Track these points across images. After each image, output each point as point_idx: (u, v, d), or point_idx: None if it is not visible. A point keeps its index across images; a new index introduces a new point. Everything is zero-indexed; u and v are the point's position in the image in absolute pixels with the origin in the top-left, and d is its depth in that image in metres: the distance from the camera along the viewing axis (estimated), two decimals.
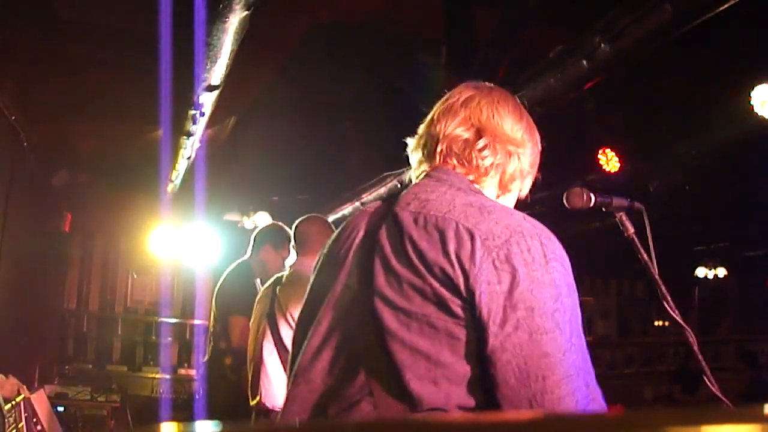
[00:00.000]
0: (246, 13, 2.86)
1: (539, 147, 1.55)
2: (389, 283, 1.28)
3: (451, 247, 1.23)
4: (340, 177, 6.31)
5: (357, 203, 6.44)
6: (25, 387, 4.03)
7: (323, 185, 6.48)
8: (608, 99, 4.47)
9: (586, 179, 5.00)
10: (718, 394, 1.75)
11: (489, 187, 1.48)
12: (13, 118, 4.78)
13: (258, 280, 4.14)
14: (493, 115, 1.47)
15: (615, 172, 5.01)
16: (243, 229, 7.02)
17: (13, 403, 3.73)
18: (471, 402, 1.21)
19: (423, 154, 1.52)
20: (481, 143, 1.45)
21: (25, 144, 5.25)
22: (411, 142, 1.59)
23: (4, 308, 5.13)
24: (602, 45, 3.32)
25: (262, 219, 6.88)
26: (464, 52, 4.20)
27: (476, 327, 1.20)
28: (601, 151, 5.06)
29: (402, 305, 1.25)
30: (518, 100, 1.59)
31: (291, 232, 3.78)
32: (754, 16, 3.39)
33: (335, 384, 1.32)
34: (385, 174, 5.84)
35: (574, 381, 1.18)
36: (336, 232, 1.56)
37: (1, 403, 3.48)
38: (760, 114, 4.00)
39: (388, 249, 1.32)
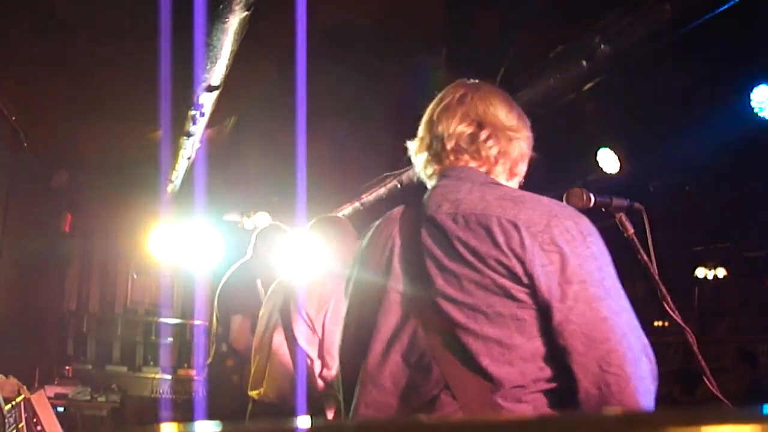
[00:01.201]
0: (246, 13, 2.86)
1: (529, 130, 1.66)
2: (448, 282, 1.39)
3: (501, 240, 1.35)
4: (340, 177, 6.31)
5: (357, 203, 6.45)
6: (25, 387, 4.03)
7: (323, 185, 6.48)
8: (608, 99, 4.47)
9: (585, 179, 5.00)
10: (718, 394, 1.75)
11: (500, 175, 1.59)
12: (13, 118, 4.78)
13: (259, 281, 4.14)
14: (489, 108, 1.58)
15: (615, 172, 5.01)
16: (243, 229, 7.02)
17: (14, 403, 3.73)
18: (545, 374, 1.34)
19: (430, 154, 1.62)
20: (483, 135, 1.55)
21: (25, 144, 5.25)
22: (413, 144, 1.68)
23: (4, 308, 5.13)
24: (602, 45, 3.32)
25: (262, 219, 6.88)
26: (464, 52, 4.20)
27: (539, 306, 1.33)
28: (601, 152, 5.06)
29: (465, 300, 1.37)
30: (504, 92, 1.68)
31: (300, 232, 3.80)
32: (754, 16, 3.39)
33: (408, 383, 1.43)
34: (384, 174, 5.85)
35: (630, 337, 1.33)
36: (365, 239, 1.67)
37: (2, 404, 3.48)
38: (760, 114, 4.00)
39: (438, 252, 1.43)
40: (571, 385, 1.31)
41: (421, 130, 1.66)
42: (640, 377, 1.30)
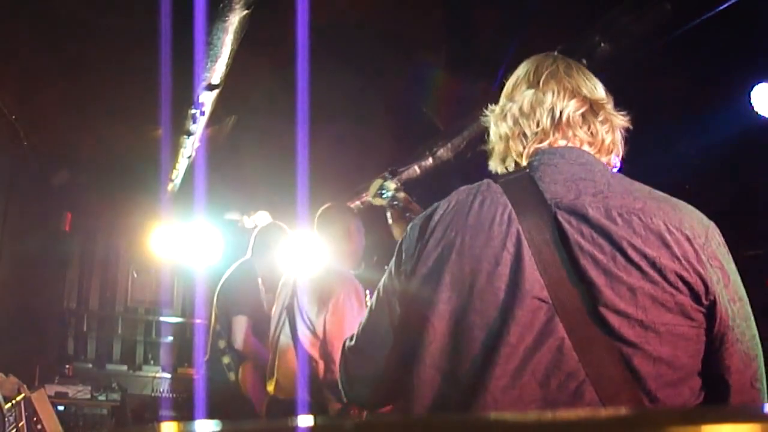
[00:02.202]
0: (246, 12, 2.86)
1: None
2: (619, 295, 1.19)
3: (678, 252, 1.20)
4: (340, 177, 6.30)
5: (357, 202, 6.44)
6: (25, 386, 4.03)
7: (323, 185, 6.47)
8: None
9: None
10: None
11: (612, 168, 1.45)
12: (14, 117, 4.78)
13: (260, 279, 4.15)
14: (596, 89, 1.46)
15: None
16: (243, 228, 7.02)
17: (14, 402, 3.73)
18: (695, 392, 1.23)
19: (529, 125, 1.40)
20: (600, 117, 1.42)
21: (25, 144, 5.25)
22: (495, 110, 1.49)
23: (4, 307, 5.13)
24: (602, 44, 3.32)
25: (262, 218, 6.88)
26: (464, 52, 4.20)
27: (709, 326, 1.22)
28: None
29: (639, 316, 1.18)
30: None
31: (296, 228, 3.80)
32: (754, 15, 3.39)
33: (547, 410, 1.19)
34: (384, 173, 5.84)
35: (761, 352, 1.28)
36: (443, 214, 1.34)
37: (2, 403, 3.48)
38: (760, 113, 4.00)
39: (600, 255, 1.21)
40: (710, 400, 1.24)
41: (516, 94, 1.44)
42: (767, 391, 1.28)
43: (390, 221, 2.39)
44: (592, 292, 1.19)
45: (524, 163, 1.38)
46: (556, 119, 1.37)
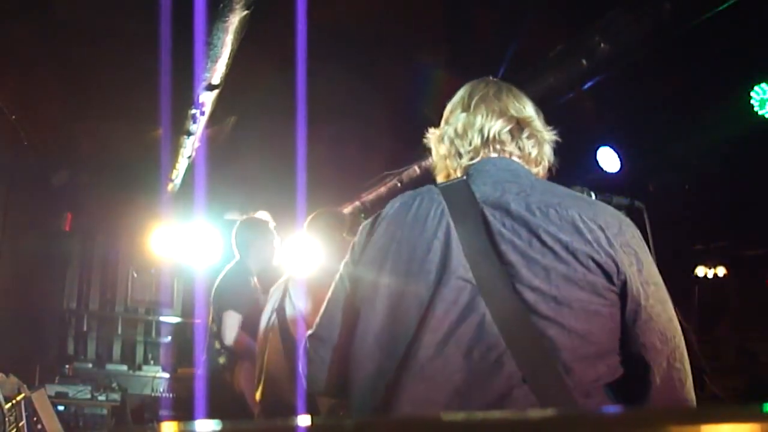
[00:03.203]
0: (246, 12, 2.86)
1: None
2: (535, 274, 1.34)
3: (590, 237, 1.35)
4: (340, 177, 6.30)
5: (357, 203, 6.45)
6: (25, 386, 4.03)
7: (323, 185, 6.47)
8: (608, 99, 4.47)
9: (586, 178, 4.99)
10: (718, 393, 1.76)
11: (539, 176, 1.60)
12: (14, 117, 4.78)
13: (255, 278, 4.14)
14: (525, 108, 1.60)
15: (615, 172, 5.01)
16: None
17: (14, 402, 3.73)
18: (612, 369, 1.35)
19: (463, 144, 1.57)
20: (525, 133, 1.57)
21: (25, 143, 5.26)
22: (436, 131, 1.66)
23: (4, 307, 5.13)
24: (602, 44, 3.32)
25: (262, 218, 6.86)
26: (464, 51, 4.20)
27: (623, 304, 1.36)
28: (601, 151, 5.06)
29: (552, 293, 1.32)
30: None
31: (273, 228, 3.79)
32: (754, 15, 3.39)
33: (470, 378, 1.31)
34: (385, 173, 5.85)
35: (682, 336, 1.41)
36: (389, 217, 1.52)
37: (2, 402, 3.48)
38: (759, 113, 4.00)
39: (518, 241, 1.37)
40: (630, 379, 1.36)
41: (451, 118, 1.62)
42: (690, 373, 1.40)
43: None
44: (510, 273, 1.35)
45: (457, 173, 1.57)
46: (485, 137, 1.55)
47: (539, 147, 1.57)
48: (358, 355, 1.44)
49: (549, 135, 1.60)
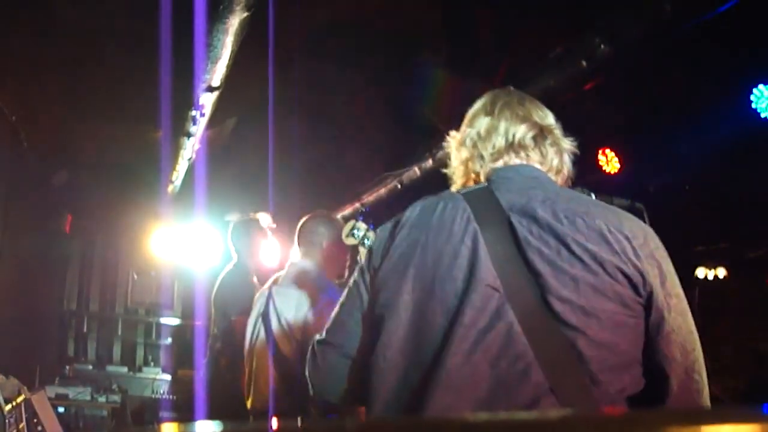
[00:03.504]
0: (246, 14, 2.86)
1: None
2: (563, 284, 1.32)
3: (617, 247, 1.35)
4: (340, 177, 6.30)
5: (357, 204, 6.44)
6: (25, 388, 4.03)
7: (323, 186, 6.48)
8: (608, 99, 4.47)
9: (585, 179, 4.99)
10: (718, 394, 1.78)
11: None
12: (13, 117, 4.78)
13: (254, 277, 4.14)
14: (547, 118, 1.61)
15: (615, 172, 5.01)
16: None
17: (14, 403, 3.73)
18: (635, 380, 1.35)
19: (486, 149, 1.57)
20: (548, 140, 1.57)
21: (25, 144, 5.26)
22: (457, 135, 1.66)
23: (4, 309, 5.13)
24: (602, 45, 3.32)
25: (262, 219, 6.86)
26: (464, 52, 4.20)
27: (647, 315, 1.36)
28: (601, 151, 5.06)
29: (581, 303, 1.31)
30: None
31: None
32: (754, 16, 3.39)
33: (496, 388, 1.29)
34: (385, 174, 5.84)
35: (699, 347, 1.42)
36: (412, 219, 1.49)
37: (2, 404, 3.48)
38: (760, 114, 4.00)
39: (546, 249, 1.35)
40: (648, 389, 1.35)
41: (474, 122, 1.62)
42: (706, 384, 1.41)
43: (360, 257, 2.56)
44: (539, 282, 1.33)
45: (482, 181, 1.55)
46: (509, 141, 1.55)
47: (560, 156, 1.58)
48: (381, 364, 1.40)
49: (569, 145, 1.61)
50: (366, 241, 2.58)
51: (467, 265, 1.38)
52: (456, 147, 1.64)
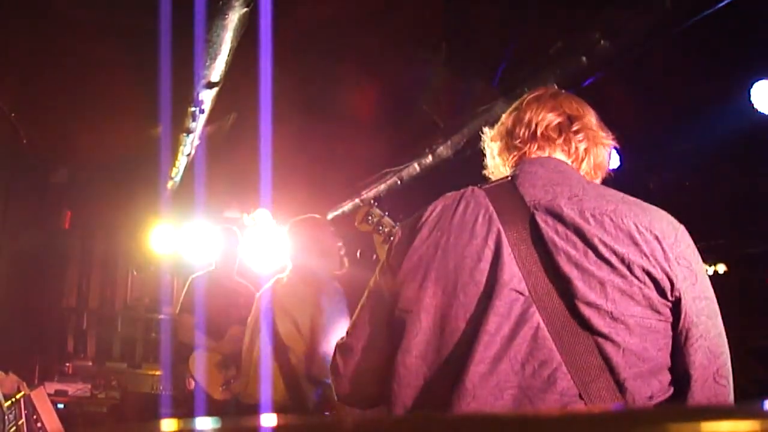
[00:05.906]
0: (245, 10, 2.86)
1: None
2: (590, 287, 1.28)
3: (647, 249, 1.30)
4: (339, 174, 6.30)
5: (356, 200, 6.44)
6: (25, 384, 4.03)
7: (323, 182, 6.48)
8: (608, 97, 4.46)
9: None
10: None
11: (587, 174, 1.57)
12: (13, 115, 4.77)
13: (243, 280, 4.22)
14: (581, 107, 1.57)
15: (615, 169, 5.01)
16: (243, 226, 7.01)
17: (14, 400, 3.73)
18: (664, 385, 1.30)
19: (511, 140, 1.55)
20: (575, 126, 1.53)
21: (25, 142, 5.25)
22: (490, 131, 1.64)
23: (4, 305, 5.13)
24: (602, 41, 3.31)
25: (262, 216, 6.87)
26: (464, 49, 4.19)
27: (675, 320, 1.31)
28: None
29: (609, 308, 1.27)
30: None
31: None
32: (754, 12, 3.39)
33: (522, 395, 1.25)
34: (384, 170, 5.84)
35: (727, 350, 1.36)
36: (430, 220, 1.43)
37: (2, 400, 3.48)
38: (759, 110, 4.00)
39: (573, 251, 1.31)
40: (678, 393, 1.31)
41: (504, 117, 1.60)
42: (732, 388, 1.34)
43: (376, 245, 2.53)
44: (565, 285, 1.29)
45: (508, 172, 1.51)
46: (532, 131, 1.51)
47: (589, 143, 1.53)
48: (402, 370, 1.35)
49: (607, 139, 1.58)
50: (381, 228, 2.51)
51: (490, 268, 1.33)
52: (490, 144, 1.63)
